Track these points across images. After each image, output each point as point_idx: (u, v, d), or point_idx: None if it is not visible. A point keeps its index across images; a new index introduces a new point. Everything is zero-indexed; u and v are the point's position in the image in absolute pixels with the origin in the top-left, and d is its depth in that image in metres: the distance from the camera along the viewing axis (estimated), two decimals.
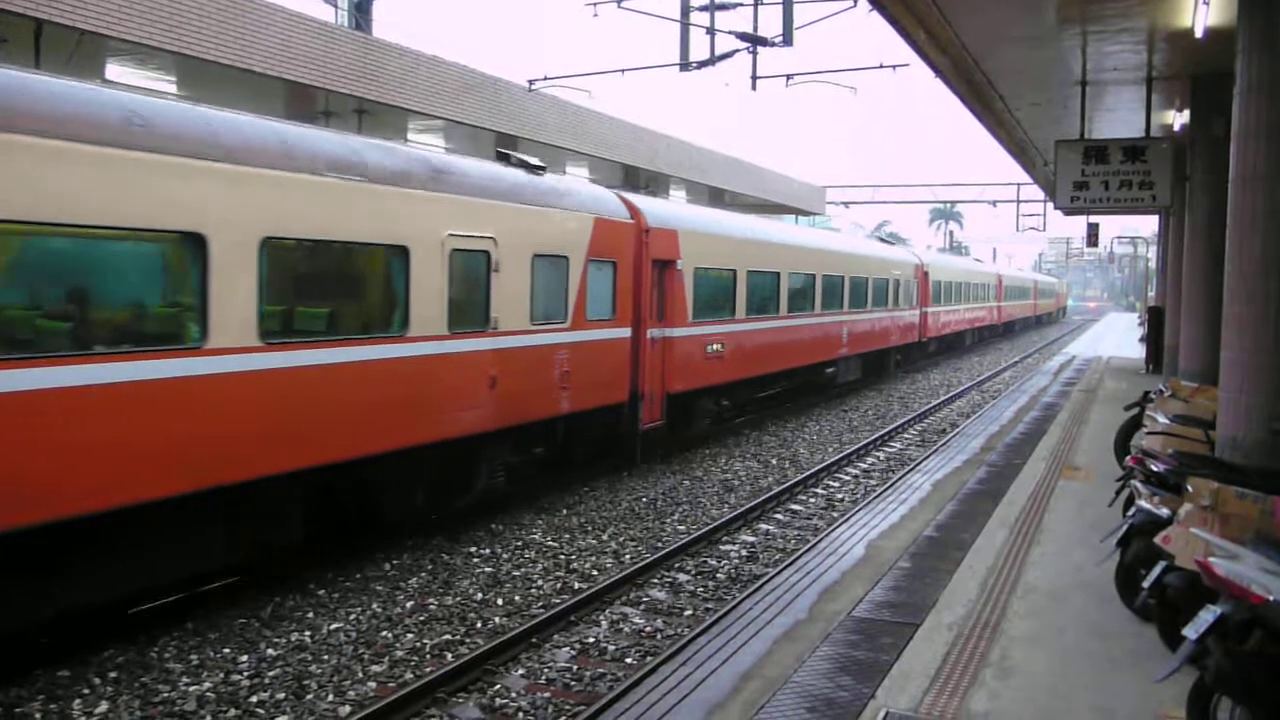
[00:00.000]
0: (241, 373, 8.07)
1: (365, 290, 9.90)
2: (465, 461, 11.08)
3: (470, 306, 10.76)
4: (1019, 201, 45.01)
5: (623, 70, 20.22)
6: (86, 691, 6.98)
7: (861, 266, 25.73)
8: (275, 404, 8.41)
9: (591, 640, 8.25)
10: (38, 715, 6.64)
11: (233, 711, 6.79)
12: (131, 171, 7.22)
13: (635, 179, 28.47)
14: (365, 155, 9.53)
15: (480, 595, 9.22)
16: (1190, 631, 4.65)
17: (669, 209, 16.79)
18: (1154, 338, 24.96)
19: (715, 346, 16.76)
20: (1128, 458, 8.62)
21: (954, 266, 41.63)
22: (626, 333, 14.00)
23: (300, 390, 8.62)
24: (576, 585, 9.60)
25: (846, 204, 49.66)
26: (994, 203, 46.29)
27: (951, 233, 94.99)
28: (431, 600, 9.04)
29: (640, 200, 15.33)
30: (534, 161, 12.87)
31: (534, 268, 11.81)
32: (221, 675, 7.32)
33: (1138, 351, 31.74)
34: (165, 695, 6.97)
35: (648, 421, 14.70)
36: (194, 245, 7.71)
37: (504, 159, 12.61)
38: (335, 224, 9.01)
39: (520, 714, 6.94)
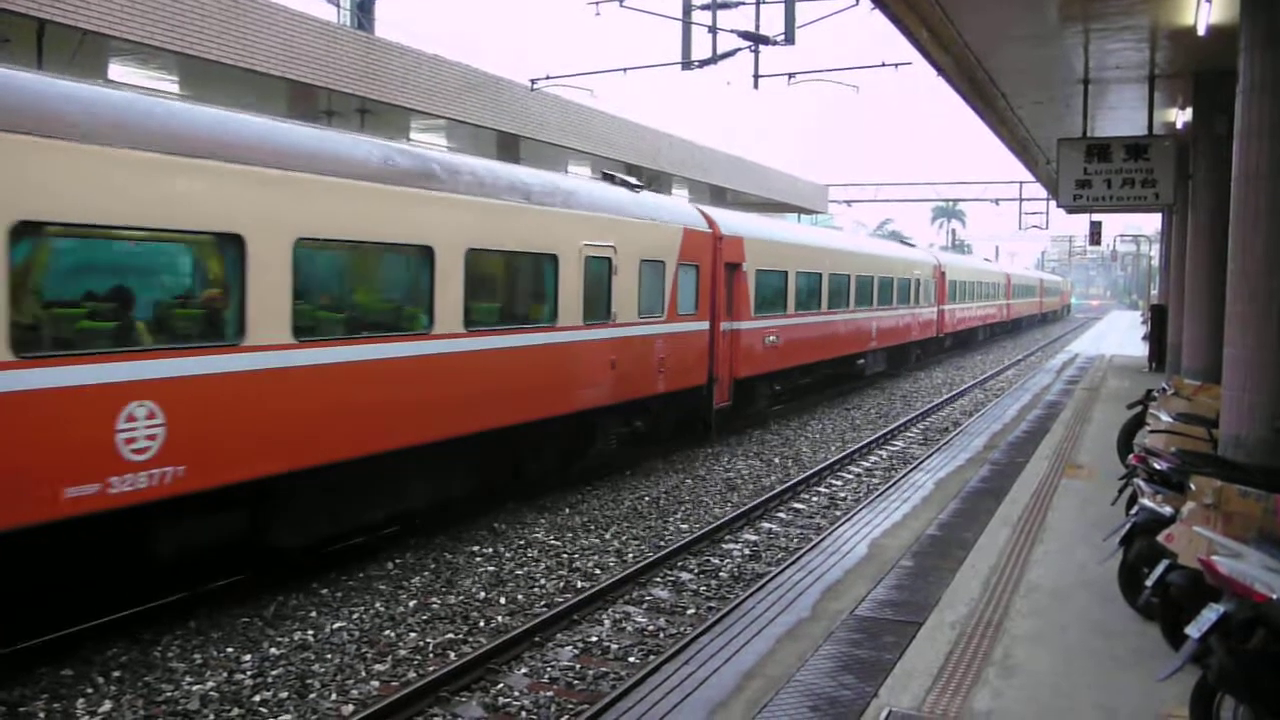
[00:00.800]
0: (454, 354, 10.27)
1: (529, 289, 12.19)
2: (588, 430, 13.27)
3: (597, 302, 12.98)
4: (1021, 200, 44.90)
5: (625, 69, 20.27)
6: (90, 691, 6.99)
7: (888, 267, 27.99)
8: (475, 378, 10.60)
9: (594, 639, 8.25)
10: (41, 714, 6.64)
11: (236, 711, 6.80)
12: (391, 200, 9.44)
13: (637, 178, 28.45)
14: (529, 182, 11.95)
15: (483, 594, 9.23)
16: (1193, 630, 4.64)
17: (737, 219, 19.05)
18: (1157, 336, 24.92)
19: (772, 338, 19.07)
20: (1131, 456, 8.61)
21: (968, 267, 43.42)
22: (705, 325, 16.21)
23: (488, 367, 10.80)
24: (579, 584, 9.60)
25: (849, 202, 49.60)
26: (996, 201, 46.20)
27: (954, 231, 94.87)
28: (434, 599, 9.05)
29: (715, 212, 17.73)
30: (633, 181, 15.45)
31: (641, 271, 14.03)
32: (225, 674, 7.33)
33: (1140, 349, 31.71)
34: (168, 694, 6.98)
35: (719, 402, 16.98)
36: (426, 256, 9.89)
37: (609, 179, 15.01)
38: (512, 237, 11.35)
39: (523, 713, 6.94)
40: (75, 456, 6.87)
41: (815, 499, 13.64)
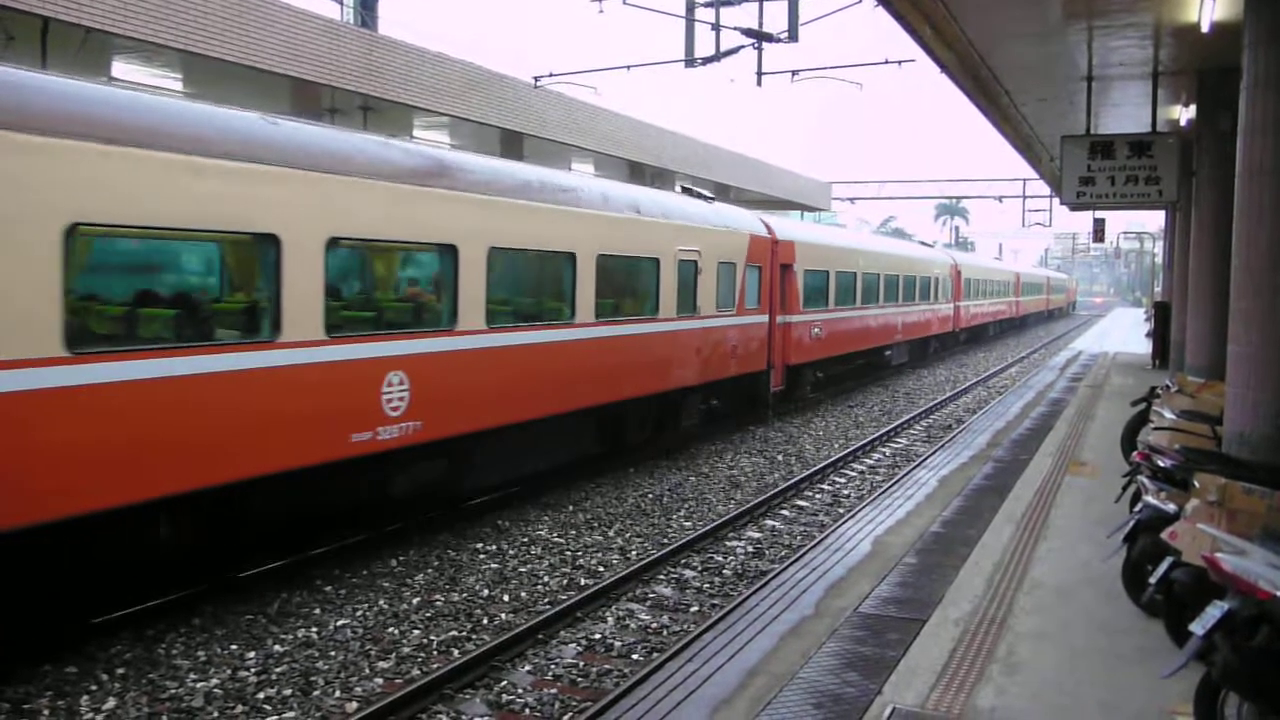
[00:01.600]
0: (588, 340, 12.59)
1: (639, 286, 14.26)
2: (677, 406, 15.54)
3: (687, 298, 15.18)
4: (1025, 197, 44.94)
5: (628, 66, 20.26)
6: (94, 688, 7.00)
7: (911, 267, 30.16)
8: (602, 360, 12.90)
9: (598, 636, 8.25)
10: (45, 712, 6.66)
11: (240, 708, 6.81)
12: (553, 216, 11.87)
13: (640, 175, 28.46)
14: (638, 197, 14.41)
15: (487, 591, 9.24)
16: (1197, 627, 4.64)
17: (789, 225, 21.53)
18: (1161, 333, 24.87)
19: (816, 330, 21.37)
20: (1134, 453, 8.59)
21: (982, 266, 45.08)
22: (765, 319, 18.40)
23: (611, 351, 13.13)
24: (583, 581, 9.61)
25: (852, 199, 49.56)
26: (1000, 198, 46.19)
27: (957, 228, 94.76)
28: (438, 596, 9.06)
29: (772, 219, 19.98)
30: (707, 194, 17.82)
31: (718, 271, 16.23)
32: (229, 672, 7.34)
33: (1144, 347, 31.66)
34: (173, 691, 6.99)
35: (775, 386, 19.41)
36: (570, 260, 12.24)
37: (687, 192, 17.34)
38: (628, 244, 13.59)
39: (527, 710, 6.95)
40: (358, 410, 9.04)
41: (819, 496, 13.64)
